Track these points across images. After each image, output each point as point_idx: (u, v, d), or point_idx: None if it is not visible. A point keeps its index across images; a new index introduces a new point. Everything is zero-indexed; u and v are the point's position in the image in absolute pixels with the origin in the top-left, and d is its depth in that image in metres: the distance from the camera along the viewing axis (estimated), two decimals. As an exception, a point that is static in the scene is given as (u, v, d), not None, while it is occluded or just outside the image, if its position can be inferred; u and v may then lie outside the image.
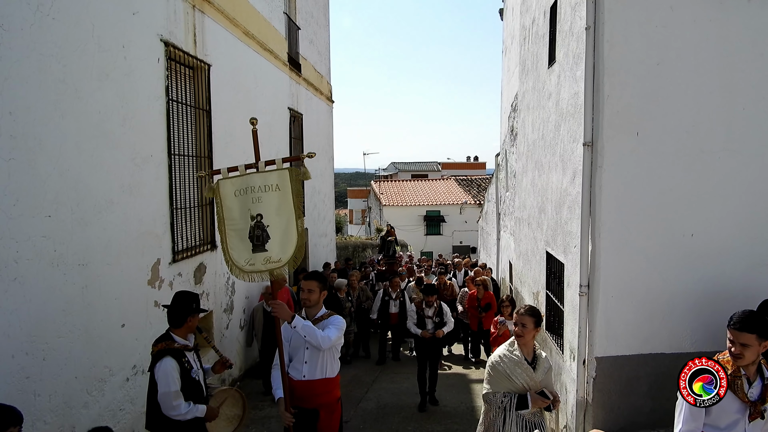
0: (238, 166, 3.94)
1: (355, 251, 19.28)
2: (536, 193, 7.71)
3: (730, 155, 4.87)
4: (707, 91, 4.83)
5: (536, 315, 3.78)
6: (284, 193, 3.78)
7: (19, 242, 3.63)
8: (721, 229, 4.95)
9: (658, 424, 4.97)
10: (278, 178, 3.80)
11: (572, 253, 5.52)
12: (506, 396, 3.66)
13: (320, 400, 3.97)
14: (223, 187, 3.88)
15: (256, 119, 4.00)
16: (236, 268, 3.82)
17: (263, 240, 3.77)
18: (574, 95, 5.46)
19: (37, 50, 3.79)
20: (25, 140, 3.69)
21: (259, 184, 3.80)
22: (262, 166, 3.87)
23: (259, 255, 3.75)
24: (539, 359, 3.75)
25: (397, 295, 9.66)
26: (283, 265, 3.73)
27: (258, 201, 3.78)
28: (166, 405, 3.56)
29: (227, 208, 3.85)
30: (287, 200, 3.77)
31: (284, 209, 3.77)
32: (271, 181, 3.80)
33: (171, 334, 3.76)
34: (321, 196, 14.25)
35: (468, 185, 30.99)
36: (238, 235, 3.81)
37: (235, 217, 3.84)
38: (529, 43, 8.42)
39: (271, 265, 3.74)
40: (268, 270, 3.75)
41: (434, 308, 7.28)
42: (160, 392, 3.56)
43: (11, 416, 2.83)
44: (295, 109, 11.30)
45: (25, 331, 3.68)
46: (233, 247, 3.83)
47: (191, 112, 6.49)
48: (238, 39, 7.99)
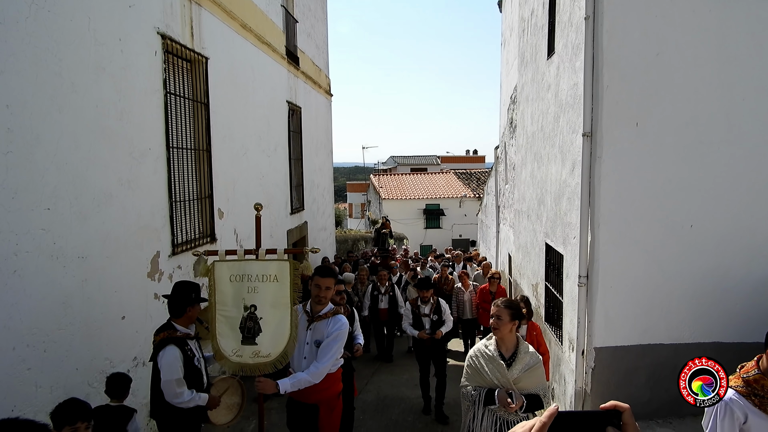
0: (236, 251, 3.84)
1: (354, 245, 19.29)
2: (535, 185, 7.71)
3: (730, 146, 4.87)
4: (707, 82, 4.82)
5: (514, 308, 3.48)
6: (282, 285, 3.67)
7: (19, 235, 3.62)
8: (721, 221, 4.96)
9: (655, 414, 5.00)
10: (277, 269, 3.69)
11: (571, 244, 5.53)
12: (476, 390, 3.46)
13: (320, 396, 3.91)
14: (219, 269, 3.74)
15: (261, 205, 3.88)
16: (221, 355, 3.71)
17: (254, 333, 3.66)
18: (573, 86, 5.45)
19: (32, 43, 3.77)
20: (22, 134, 3.68)
21: (256, 272, 3.69)
22: (262, 253, 3.77)
23: (248, 348, 3.65)
24: (519, 356, 3.42)
25: (386, 289, 9.01)
26: (271, 361, 3.63)
27: (254, 291, 3.67)
28: (170, 393, 3.56)
29: (220, 292, 3.73)
30: (284, 293, 3.67)
31: (280, 302, 3.67)
32: (270, 271, 3.68)
33: (172, 323, 3.76)
34: (320, 190, 14.25)
35: (467, 179, 30.98)
36: (229, 323, 3.70)
37: (228, 303, 3.72)
38: (528, 35, 8.39)
39: (258, 359, 3.64)
40: (255, 364, 3.63)
41: (431, 305, 6.43)
42: (164, 380, 3.56)
43: (80, 411, 2.80)
44: (293, 102, 11.27)
45: (26, 324, 3.69)
46: (221, 334, 3.71)
47: (189, 106, 6.47)
48: (236, 32, 7.96)
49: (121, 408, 3.88)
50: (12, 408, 3.56)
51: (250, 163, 8.52)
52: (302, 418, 3.96)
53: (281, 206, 10.45)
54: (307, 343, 3.88)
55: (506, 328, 3.41)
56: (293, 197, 11.38)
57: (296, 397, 3.89)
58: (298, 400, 3.90)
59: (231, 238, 7.47)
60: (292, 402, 4.00)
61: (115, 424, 3.75)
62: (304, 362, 3.88)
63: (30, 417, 3.68)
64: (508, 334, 3.43)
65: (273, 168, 9.86)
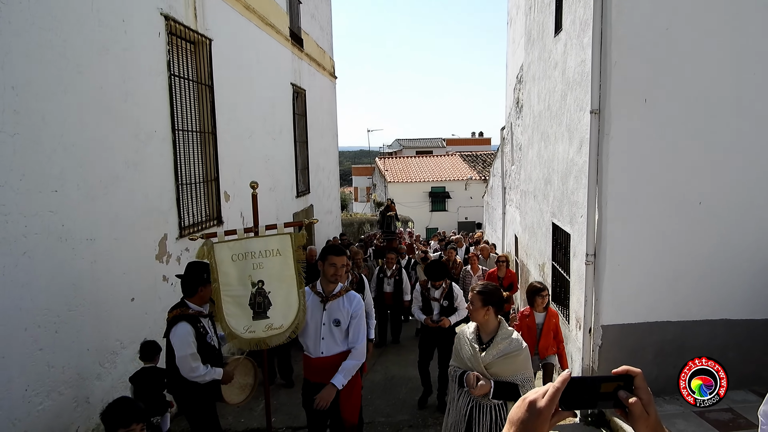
0: (236, 230, 3.86)
1: (360, 228, 19.33)
2: (542, 165, 7.66)
3: (740, 121, 4.81)
4: (717, 56, 4.75)
5: (485, 293, 3.27)
6: (285, 258, 3.72)
7: (27, 217, 3.65)
8: (730, 197, 4.92)
9: (663, 391, 5.00)
10: (279, 243, 3.74)
11: (578, 223, 5.51)
12: (456, 370, 3.41)
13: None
14: (219, 251, 3.75)
15: (256, 183, 3.91)
16: (233, 335, 3.74)
17: (265, 307, 3.72)
18: (581, 63, 5.38)
19: (36, 24, 3.75)
20: (29, 115, 3.68)
21: (259, 248, 3.72)
22: (262, 230, 3.79)
23: (261, 322, 3.70)
24: (494, 342, 3.26)
25: (392, 272, 8.52)
26: (284, 331, 3.69)
27: (259, 267, 3.71)
28: (185, 367, 3.62)
29: (223, 274, 3.74)
30: (289, 265, 3.72)
31: (286, 275, 3.71)
32: (272, 246, 3.73)
33: (186, 301, 3.81)
34: (326, 173, 14.23)
35: (473, 161, 30.83)
36: (236, 302, 3.73)
37: (233, 282, 3.74)
38: (534, 12, 8.27)
39: (272, 332, 3.70)
40: (269, 337, 3.69)
41: (443, 289, 5.84)
42: (178, 356, 3.62)
43: (134, 411, 2.75)
44: (297, 84, 11.21)
45: (37, 304, 3.73)
46: (230, 314, 3.74)
47: (194, 88, 6.45)
48: (239, 13, 7.89)
49: (155, 369, 4.20)
50: (25, 388, 3.62)
51: (255, 145, 8.51)
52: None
53: (287, 189, 10.45)
54: (323, 324, 3.80)
55: (478, 313, 3.29)
56: (299, 180, 11.38)
57: (315, 378, 3.84)
58: (317, 381, 3.82)
59: (237, 220, 7.49)
60: (310, 384, 3.91)
61: (152, 382, 4.13)
62: (323, 343, 3.81)
63: (43, 397, 3.75)
64: (482, 319, 3.30)
65: (278, 151, 9.85)
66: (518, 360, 3.24)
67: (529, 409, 1.06)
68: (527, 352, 3.31)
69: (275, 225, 3.85)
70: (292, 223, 3.89)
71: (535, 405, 1.06)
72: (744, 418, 4.61)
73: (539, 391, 1.09)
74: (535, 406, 1.06)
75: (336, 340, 3.82)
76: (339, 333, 3.82)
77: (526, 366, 3.27)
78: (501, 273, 8.04)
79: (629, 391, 1.08)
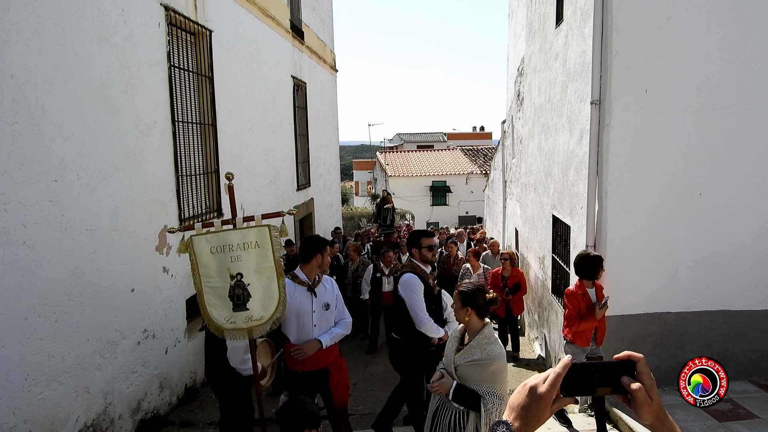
0: (213, 222, 3.85)
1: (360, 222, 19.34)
2: (543, 157, 7.64)
3: (741, 112, 4.79)
4: (718, 46, 4.73)
5: (465, 294, 3.13)
6: (264, 250, 3.70)
7: (27, 206, 3.65)
8: (730, 188, 4.90)
9: (662, 381, 5.00)
10: (257, 235, 3.71)
11: (579, 214, 5.50)
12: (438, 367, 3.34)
13: (329, 358, 4.00)
14: (198, 243, 3.74)
15: (232, 174, 3.89)
16: (215, 325, 3.76)
17: (244, 299, 3.71)
18: (581, 54, 5.36)
19: (35, 12, 3.74)
20: (28, 105, 3.67)
21: (237, 241, 3.71)
22: (239, 222, 3.78)
23: (240, 314, 3.70)
24: (470, 347, 3.10)
25: (390, 270, 7.88)
26: (264, 323, 3.69)
27: (237, 260, 3.70)
28: (236, 359, 3.82)
29: (203, 265, 3.74)
30: (267, 257, 3.70)
31: (265, 267, 3.70)
32: (249, 239, 3.71)
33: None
34: (326, 167, 14.21)
35: (474, 155, 30.79)
36: (216, 293, 3.74)
37: (212, 274, 3.74)
38: (536, 4, 8.23)
39: (252, 323, 3.69)
40: (250, 328, 3.70)
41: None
42: (231, 347, 3.78)
43: (306, 417, 2.69)
44: (298, 77, 11.18)
45: (37, 294, 3.73)
46: (211, 305, 3.74)
47: (194, 79, 6.44)
48: (239, 5, 7.86)
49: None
50: (25, 377, 3.63)
51: (255, 138, 8.49)
52: (313, 386, 3.99)
53: (288, 182, 10.44)
54: (314, 311, 3.94)
55: (459, 313, 3.19)
56: (299, 173, 11.36)
57: (303, 368, 3.92)
58: (307, 370, 3.92)
59: (237, 212, 7.48)
60: (298, 375, 3.97)
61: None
62: (315, 329, 3.93)
63: (43, 386, 3.76)
64: (463, 319, 3.18)
65: (279, 143, 9.83)
66: (487, 370, 3.02)
67: (530, 394, 1.05)
68: (502, 365, 3.05)
69: (252, 217, 3.84)
70: (270, 215, 3.86)
71: (536, 390, 1.04)
72: (743, 408, 4.62)
73: (540, 376, 1.07)
74: (536, 391, 1.04)
75: (328, 324, 4.02)
76: (330, 316, 4.04)
77: (494, 379, 3.01)
78: (506, 272, 7.51)
79: (632, 377, 1.06)
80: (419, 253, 4.31)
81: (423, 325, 4.17)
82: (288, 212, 4.03)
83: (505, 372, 3.08)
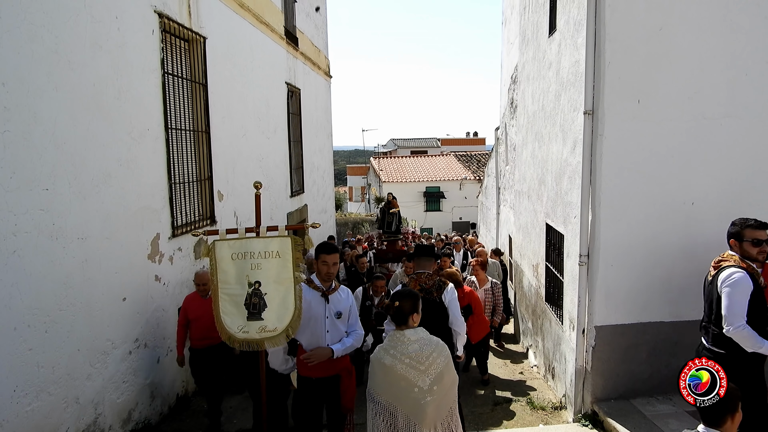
0: (237, 229, 3.87)
1: (355, 228, 19.30)
2: (536, 165, 7.67)
3: (733, 121, 4.83)
4: (710, 56, 4.76)
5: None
6: (285, 260, 3.72)
7: (17, 215, 3.61)
8: (723, 197, 4.93)
9: (656, 390, 5.02)
10: (279, 245, 3.73)
11: (572, 223, 5.51)
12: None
13: (341, 364, 3.94)
14: (220, 249, 3.76)
15: (260, 183, 3.91)
16: (227, 333, 3.76)
17: (260, 308, 3.72)
18: (574, 63, 5.39)
19: (27, 20, 3.72)
20: (20, 112, 3.64)
21: (259, 249, 3.73)
22: (263, 230, 3.80)
23: (254, 323, 3.71)
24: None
25: (380, 300, 6.66)
26: (278, 335, 3.70)
27: (257, 267, 3.72)
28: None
29: (222, 272, 3.76)
30: (287, 268, 3.72)
31: (284, 277, 3.72)
32: (272, 248, 3.73)
33: None
34: (320, 172, 14.20)
35: (468, 161, 30.88)
36: (233, 301, 3.75)
37: (231, 281, 3.76)
38: (529, 12, 8.28)
39: (265, 334, 3.71)
40: (262, 339, 3.71)
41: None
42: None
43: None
44: (292, 83, 11.18)
45: (26, 304, 3.69)
46: (225, 312, 3.75)
47: (187, 86, 6.41)
48: (233, 11, 7.86)
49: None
50: (14, 388, 3.58)
51: (249, 144, 8.48)
52: (324, 392, 3.93)
53: (281, 189, 10.42)
54: (327, 318, 3.89)
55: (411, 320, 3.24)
56: (293, 180, 11.34)
57: (318, 374, 3.86)
58: (320, 377, 3.87)
59: (231, 220, 7.46)
60: (311, 381, 3.90)
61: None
62: (327, 336, 3.88)
63: (32, 397, 3.71)
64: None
65: (273, 150, 9.82)
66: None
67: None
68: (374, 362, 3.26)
69: (276, 227, 3.85)
70: (294, 226, 3.87)
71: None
72: (736, 418, 4.62)
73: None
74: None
75: (339, 332, 3.94)
76: (341, 325, 3.96)
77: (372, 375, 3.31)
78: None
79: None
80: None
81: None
82: (312, 225, 4.04)
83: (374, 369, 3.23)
